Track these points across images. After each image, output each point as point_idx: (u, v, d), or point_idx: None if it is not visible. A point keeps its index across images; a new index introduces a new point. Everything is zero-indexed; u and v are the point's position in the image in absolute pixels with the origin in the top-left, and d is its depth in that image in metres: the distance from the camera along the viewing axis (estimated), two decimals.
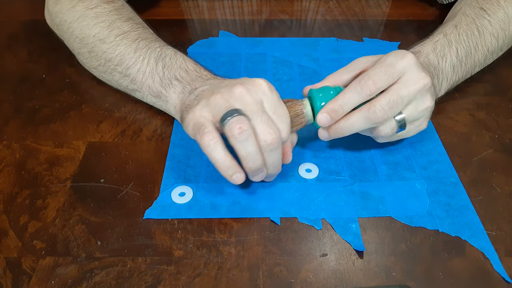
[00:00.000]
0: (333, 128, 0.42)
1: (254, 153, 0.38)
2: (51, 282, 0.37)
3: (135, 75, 0.48)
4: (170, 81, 0.46)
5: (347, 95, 0.41)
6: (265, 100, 0.40)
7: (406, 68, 0.41)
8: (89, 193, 0.44)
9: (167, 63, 0.47)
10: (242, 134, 0.37)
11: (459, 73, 0.51)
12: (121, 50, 0.49)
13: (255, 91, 0.40)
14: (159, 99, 0.48)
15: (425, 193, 0.44)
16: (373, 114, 0.40)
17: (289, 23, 0.69)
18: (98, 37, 0.50)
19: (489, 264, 0.38)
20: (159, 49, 0.48)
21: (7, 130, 0.51)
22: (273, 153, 0.39)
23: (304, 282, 0.37)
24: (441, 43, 0.50)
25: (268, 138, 0.38)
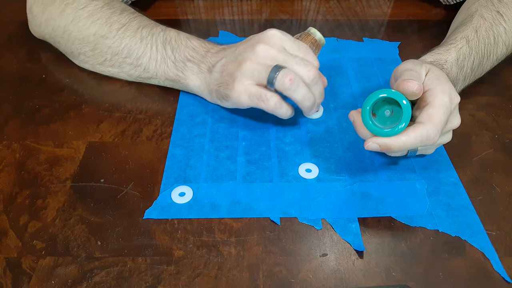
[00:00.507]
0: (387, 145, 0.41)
1: (307, 92, 0.43)
2: (51, 282, 0.37)
3: (147, 63, 0.50)
4: (184, 63, 0.49)
5: (410, 140, 0.38)
6: (285, 45, 0.45)
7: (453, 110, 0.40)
8: (89, 193, 0.44)
9: (174, 45, 0.49)
10: (293, 83, 0.42)
11: (467, 81, 0.51)
12: (127, 42, 0.50)
13: (273, 42, 0.44)
14: (178, 83, 0.51)
15: (425, 193, 0.44)
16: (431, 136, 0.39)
17: (290, 23, 0.69)
18: (99, 34, 0.51)
19: (489, 264, 0.38)
20: (162, 33, 0.50)
21: (7, 130, 0.51)
22: (318, 83, 0.44)
23: (304, 282, 0.37)
24: (463, 52, 0.49)
25: (311, 74, 0.43)
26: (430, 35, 0.66)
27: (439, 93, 0.39)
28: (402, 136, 0.38)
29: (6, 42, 0.66)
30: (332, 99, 0.55)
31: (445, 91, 0.39)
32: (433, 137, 0.38)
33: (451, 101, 0.39)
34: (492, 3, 0.54)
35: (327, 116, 0.52)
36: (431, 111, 0.39)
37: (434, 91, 0.39)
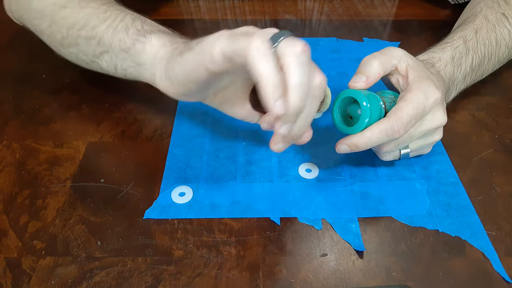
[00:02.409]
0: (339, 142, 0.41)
1: (306, 86, 0.31)
2: (51, 282, 0.37)
3: (102, 32, 0.42)
4: (152, 31, 0.40)
5: (374, 135, 0.38)
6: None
7: (432, 108, 0.40)
8: (89, 193, 0.44)
9: (148, 22, 0.42)
10: (304, 54, 0.30)
11: (468, 82, 0.50)
12: (87, 12, 0.43)
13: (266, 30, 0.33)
14: (131, 52, 0.41)
15: (425, 193, 0.44)
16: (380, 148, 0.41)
17: (294, 23, 0.69)
18: (58, 4, 0.45)
19: (489, 264, 0.38)
20: (136, 13, 0.44)
21: (7, 130, 0.51)
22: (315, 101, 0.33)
23: (304, 282, 0.37)
24: (459, 50, 0.48)
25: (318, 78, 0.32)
26: (431, 35, 0.66)
27: (414, 89, 0.39)
28: (366, 132, 0.38)
29: (6, 42, 0.66)
30: (332, 99, 0.55)
31: (421, 87, 0.40)
32: (398, 130, 0.38)
33: (426, 97, 0.39)
34: (498, 4, 0.53)
35: (327, 116, 0.52)
36: (399, 105, 0.39)
37: (410, 88, 0.40)
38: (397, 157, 0.43)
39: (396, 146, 0.41)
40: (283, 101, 0.30)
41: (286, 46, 0.30)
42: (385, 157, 0.43)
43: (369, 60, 0.41)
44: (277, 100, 0.29)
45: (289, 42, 0.31)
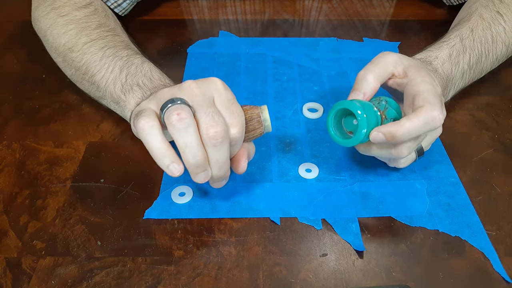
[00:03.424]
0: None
1: (195, 145, 0.34)
2: (51, 282, 0.37)
3: (99, 82, 0.47)
4: (131, 87, 0.44)
5: (415, 124, 0.37)
6: (217, 95, 0.37)
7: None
8: (89, 193, 0.44)
9: (132, 71, 0.45)
10: (180, 121, 0.34)
11: (466, 79, 0.50)
12: (88, 59, 0.48)
13: (206, 86, 0.37)
14: (118, 105, 0.45)
15: (425, 193, 0.44)
16: (399, 151, 0.39)
17: (292, 22, 0.69)
18: (67, 46, 0.50)
19: (489, 264, 0.38)
20: (126, 58, 0.47)
21: (7, 130, 0.51)
22: (217, 149, 0.35)
23: (304, 282, 0.37)
24: (457, 48, 0.48)
25: (211, 131, 0.34)
26: (431, 35, 0.66)
27: (421, 83, 0.39)
28: (405, 122, 0.37)
29: (6, 42, 0.66)
30: (332, 99, 0.55)
31: (426, 81, 0.39)
32: (438, 116, 0.37)
33: (438, 89, 0.39)
34: (493, 3, 0.53)
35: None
36: (423, 96, 0.38)
37: (415, 82, 0.39)
38: (413, 159, 0.42)
39: (416, 145, 0.39)
40: (175, 165, 0.35)
41: (166, 117, 0.35)
42: (401, 164, 0.42)
43: (364, 75, 0.41)
44: (168, 167, 0.35)
45: (168, 114, 0.34)
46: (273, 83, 0.57)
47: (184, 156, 0.35)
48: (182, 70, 0.59)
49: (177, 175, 0.35)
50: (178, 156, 0.35)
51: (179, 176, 0.35)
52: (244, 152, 0.40)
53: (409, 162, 0.42)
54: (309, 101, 0.54)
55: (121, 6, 0.63)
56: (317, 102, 0.54)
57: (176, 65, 0.60)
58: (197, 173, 0.36)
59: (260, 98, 0.55)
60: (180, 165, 0.35)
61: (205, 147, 0.35)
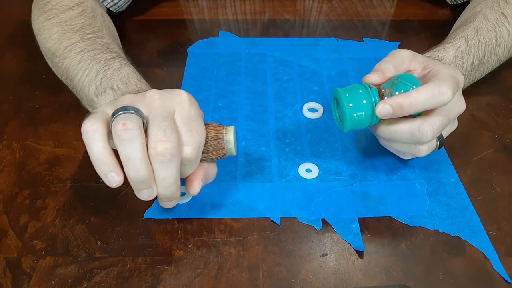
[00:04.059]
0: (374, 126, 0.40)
1: (137, 159, 0.33)
2: (51, 282, 0.37)
3: (76, 85, 0.46)
4: (105, 90, 0.43)
5: (421, 95, 0.36)
6: (179, 110, 0.35)
7: (460, 87, 0.39)
8: (89, 193, 0.44)
9: (108, 74, 0.44)
10: (125, 132, 0.32)
11: (467, 81, 0.50)
12: (67, 63, 0.47)
13: (169, 97, 0.36)
14: (91, 108, 0.44)
15: (425, 193, 0.44)
16: (423, 132, 0.37)
17: (292, 22, 0.69)
18: (51, 51, 0.50)
19: (489, 264, 0.38)
20: (104, 61, 0.46)
21: (7, 130, 0.51)
22: (164, 167, 0.33)
23: (304, 282, 0.37)
24: (462, 50, 0.48)
25: (159, 146, 0.32)
26: (431, 35, 0.66)
27: (442, 69, 0.39)
28: (412, 92, 0.36)
29: (6, 42, 0.66)
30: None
31: (447, 67, 0.39)
32: (446, 92, 0.36)
33: (456, 75, 0.38)
34: (498, 4, 0.53)
35: (327, 116, 0.52)
36: (439, 76, 0.38)
37: (437, 69, 0.39)
38: (434, 148, 0.41)
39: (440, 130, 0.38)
40: (114, 174, 0.33)
41: (113, 126, 0.33)
42: (422, 151, 0.40)
43: (384, 63, 0.41)
44: (106, 175, 0.33)
45: (115, 122, 0.33)
46: (273, 83, 0.57)
47: (126, 170, 0.33)
48: (182, 70, 0.59)
49: (114, 186, 0.34)
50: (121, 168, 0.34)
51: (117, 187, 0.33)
52: (199, 173, 0.38)
53: (431, 150, 0.41)
54: (309, 101, 0.54)
55: (117, 5, 0.63)
56: (317, 102, 0.54)
57: (176, 65, 0.60)
58: (140, 190, 0.35)
59: (260, 98, 0.55)
60: (119, 176, 0.33)
61: (151, 163, 0.33)
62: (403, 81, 0.38)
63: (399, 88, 0.38)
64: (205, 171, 0.38)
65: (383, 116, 0.37)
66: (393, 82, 0.39)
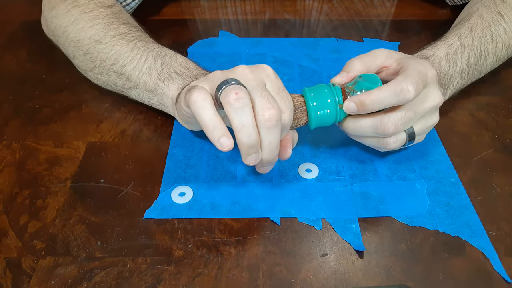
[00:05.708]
0: (342, 123, 0.42)
1: (250, 125, 0.35)
2: (51, 282, 0.37)
3: (130, 72, 0.47)
4: (170, 75, 0.45)
5: (383, 93, 0.38)
6: (268, 81, 0.38)
7: (430, 82, 0.40)
8: (89, 193, 0.44)
9: (167, 61, 0.47)
10: (238, 100, 0.34)
11: (465, 79, 0.50)
12: (118, 49, 0.48)
13: (258, 71, 0.38)
14: (155, 94, 0.46)
15: (425, 193, 0.44)
16: (384, 126, 0.39)
17: (292, 22, 0.69)
18: (94, 39, 0.50)
19: (489, 264, 0.38)
20: (158, 49, 0.48)
21: (7, 130, 0.51)
22: (271, 132, 0.36)
23: (304, 282, 0.37)
24: (454, 47, 0.48)
25: (267, 113, 0.35)
26: (432, 35, 0.66)
27: (412, 64, 0.40)
28: (375, 90, 0.39)
29: (6, 42, 0.66)
30: None
31: (418, 62, 0.40)
32: (407, 89, 0.37)
33: (425, 69, 0.40)
34: (495, 3, 0.53)
35: None
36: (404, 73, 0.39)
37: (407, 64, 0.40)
38: (403, 141, 0.42)
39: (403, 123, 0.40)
40: (225, 138, 0.35)
41: (223, 96, 0.35)
42: (390, 143, 0.41)
43: (352, 61, 0.43)
44: (218, 139, 0.35)
45: (225, 93, 0.35)
46: None
47: (239, 136, 0.35)
48: None
49: (226, 150, 0.35)
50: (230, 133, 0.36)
51: (228, 151, 0.35)
52: (289, 139, 0.40)
53: (399, 143, 0.42)
54: None
55: (130, 6, 0.63)
56: None
57: None
58: (249, 154, 0.37)
59: None
60: (230, 139, 0.35)
61: (258, 129, 0.36)
62: (365, 79, 0.40)
63: (360, 87, 0.40)
64: (292, 137, 0.41)
65: (350, 112, 0.40)
66: (355, 81, 0.41)
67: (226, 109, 0.35)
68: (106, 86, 0.53)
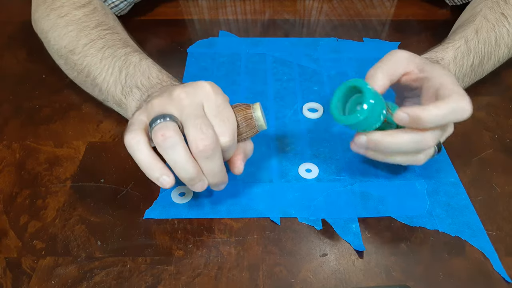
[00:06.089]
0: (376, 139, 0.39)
1: (184, 161, 0.35)
2: (51, 282, 0.37)
3: (101, 84, 0.47)
4: (131, 89, 0.44)
5: (441, 111, 0.36)
6: (206, 102, 0.37)
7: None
8: (89, 193, 0.44)
9: (130, 71, 0.45)
10: (165, 141, 0.34)
11: (467, 81, 0.50)
12: (88, 61, 0.48)
13: (195, 93, 0.37)
14: (120, 107, 0.46)
15: (425, 193, 0.44)
16: (427, 140, 0.37)
17: (292, 22, 0.69)
18: (68, 48, 0.50)
19: (489, 264, 0.38)
20: (124, 57, 0.47)
21: (7, 130, 0.51)
22: (209, 161, 0.36)
23: (304, 282, 0.37)
24: (461, 50, 0.48)
25: (200, 144, 0.34)
26: (431, 35, 0.66)
27: (443, 75, 0.38)
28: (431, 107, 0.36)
29: (6, 42, 0.66)
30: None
31: (448, 74, 0.39)
32: (467, 107, 0.36)
33: (456, 81, 0.38)
34: (498, 4, 0.53)
35: (327, 116, 0.52)
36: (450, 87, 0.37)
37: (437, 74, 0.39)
38: (431, 155, 0.41)
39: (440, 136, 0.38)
40: (165, 177, 0.35)
41: (153, 137, 0.35)
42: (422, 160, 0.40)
43: (374, 73, 0.40)
44: (158, 179, 0.35)
45: (153, 134, 0.35)
46: (273, 83, 0.57)
47: (176, 172, 0.36)
48: (182, 70, 0.59)
49: (168, 187, 0.36)
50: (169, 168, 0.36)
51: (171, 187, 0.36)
52: (239, 154, 0.39)
53: (428, 157, 0.40)
54: (309, 101, 0.54)
55: (118, 7, 0.63)
56: (317, 102, 0.54)
57: (176, 65, 0.60)
58: (193, 185, 0.37)
59: (260, 98, 0.55)
60: (170, 176, 0.35)
61: (196, 160, 0.36)
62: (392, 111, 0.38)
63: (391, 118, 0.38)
64: (243, 150, 0.40)
65: (398, 120, 0.37)
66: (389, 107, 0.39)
67: (158, 149, 0.35)
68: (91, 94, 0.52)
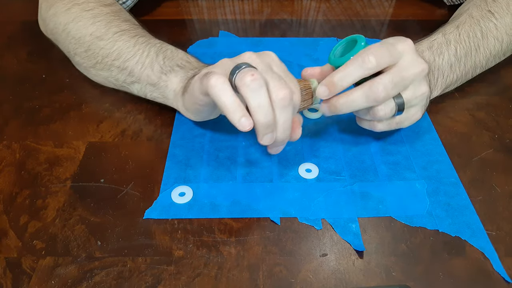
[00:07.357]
0: (333, 103, 0.41)
1: (267, 105, 0.36)
2: (51, 282, 0.37)
3: (133, 66, 0.48)
4: (172, 68, 0.47)
5: (347, 68, 0.40)
6: (274, 65, 0.40)
7: (406, 51, 0.41)
8: (89, 193, 0.44)
9: (168, 55, 0.48)
10: (254, 81, 0.35)
11: (457, 72, 0.50)
12: (120, 45, 0.49)
13: (264, 56, 0.40)
14: (158, 87, 0.48)
15: (425, 193, 0.44)
16: (375, 91, 0.39)
17: (290, 22, 0.69)
18: (95, 35, 0.51)
19: (489, 264, 0.38)
20: (159, 44, 0.49)
21: (7, 130, 0.51)
22: (285, 111, 0.37)
23: (304, 282, 0.37)
24: (438, 41, 0.50)
25: (281, 92, 0.36)
26: None
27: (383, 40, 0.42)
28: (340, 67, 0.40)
29: (6, 42, 0.66)
30: None
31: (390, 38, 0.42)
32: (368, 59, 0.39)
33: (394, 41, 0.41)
34: (485, 2, 0.54)
35: (327, 116, 0.52)
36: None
37: None
38: (393, 111, 0.41)
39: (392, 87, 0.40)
40: (245, 119, 0.36)
41: (239, 79, 0.36)
42: (379, 111, 0.41)
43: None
44: (239, 120, 0.36)
45: (241, 75, 0.36)
46: None
47: (256, 116, 0.36)
48: None
49: (247, 129, 0.36)
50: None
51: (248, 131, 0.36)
52: (297, 120, 0.41)
53: (389, 111, 0.41)
54: None
55: (126, 4, 0.63)
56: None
57: None
58: (265, 134, 0.38)
59: None
60: (250, 120, 0.36)
61: (273, 109, 0.37)
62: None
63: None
64: (299, 120, 0.42)
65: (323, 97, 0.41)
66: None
67: (242, 90, 0.36)
68: (107, 82, 0.53)
